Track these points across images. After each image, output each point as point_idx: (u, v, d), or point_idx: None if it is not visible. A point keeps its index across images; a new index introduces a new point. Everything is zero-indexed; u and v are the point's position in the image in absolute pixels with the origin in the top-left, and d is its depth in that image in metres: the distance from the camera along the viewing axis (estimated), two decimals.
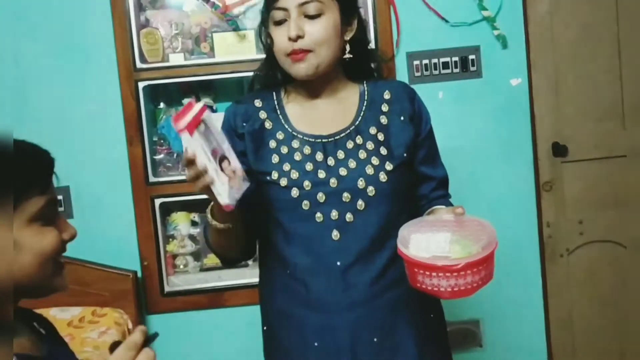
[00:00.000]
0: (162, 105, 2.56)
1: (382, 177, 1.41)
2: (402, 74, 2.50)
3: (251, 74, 2.36)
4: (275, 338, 1.49)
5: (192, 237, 2.57)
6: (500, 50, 2.53)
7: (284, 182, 1.41)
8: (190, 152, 1.18)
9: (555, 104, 2.62)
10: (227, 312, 2.50)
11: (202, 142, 1.18)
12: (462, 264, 1.17)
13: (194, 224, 2.57)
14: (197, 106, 1.19)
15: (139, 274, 2.47)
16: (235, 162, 1.24)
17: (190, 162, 1.19)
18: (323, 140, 1.44)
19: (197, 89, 2.56)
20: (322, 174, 1.41)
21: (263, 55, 2.32)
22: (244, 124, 1.47)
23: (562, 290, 2.66)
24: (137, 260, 2.47)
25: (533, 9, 2.57)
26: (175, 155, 2.53)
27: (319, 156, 1.43)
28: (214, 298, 2.48)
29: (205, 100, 2.54)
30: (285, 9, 1.39)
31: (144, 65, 2.42)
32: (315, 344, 1.42)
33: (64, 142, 2.41)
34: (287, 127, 1.47)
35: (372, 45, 1.78)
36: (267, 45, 1.47)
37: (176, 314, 2.49)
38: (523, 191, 2.59)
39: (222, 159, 1.22)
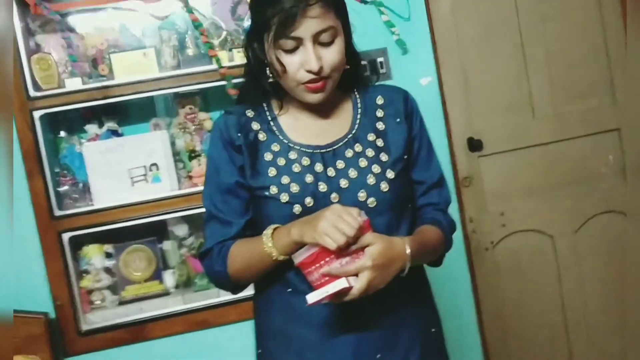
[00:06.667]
0: (63, 133, 2.42)
1: (384, 186, 1.37)
2: None
3: (156, 93, 2.36)
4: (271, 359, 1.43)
5: (107, 270, 2.43)
6: (408, 51, 2.53)
7: (285, 197, 1.34)
8: None
9: (466, 100, 2.64)
10: (149, 345, 2.36)
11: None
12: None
13: (108, 255, 2.43)
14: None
15: (52, 315, 2.31)
16: None
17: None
18: (321, 150, 1.39)
19: (100, 114, 2.43)
20: (322, 187, 1.35)
21: (165, 74, 2.33)
22: (239, 135, 1.39)
23: (491, 283, 2.67)
24: (48, 301, 2.31)
25: (436, 9, 2.59)
26: (81, 185, 2.38)
27: (319, 167, 1.37)
28: (135, 332, 2.34)
29: (109, 124, 2.42)
30: (299, 39, 1.32)
31: (39, 94, 2.28)
32: None
33: None
34: (282, 138, 1.40)
35: None
36: (256, 59, 1.38)
37: (96, 354, 2.34)
38: None
39: None
